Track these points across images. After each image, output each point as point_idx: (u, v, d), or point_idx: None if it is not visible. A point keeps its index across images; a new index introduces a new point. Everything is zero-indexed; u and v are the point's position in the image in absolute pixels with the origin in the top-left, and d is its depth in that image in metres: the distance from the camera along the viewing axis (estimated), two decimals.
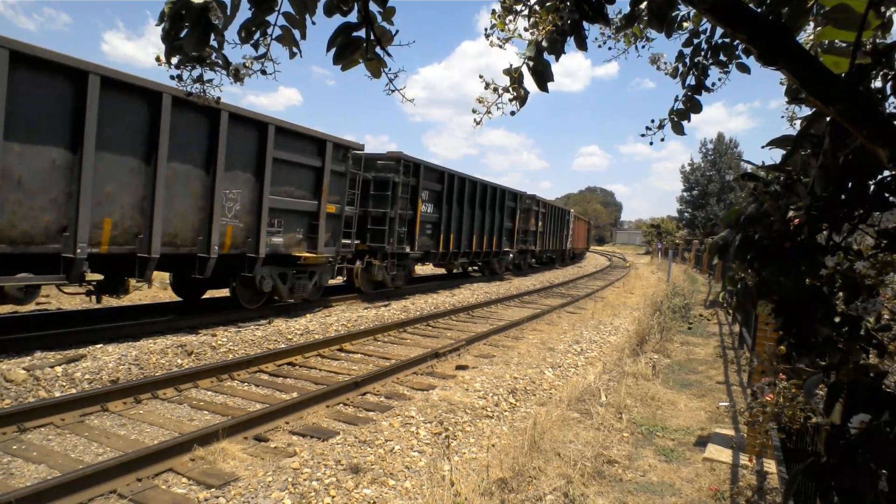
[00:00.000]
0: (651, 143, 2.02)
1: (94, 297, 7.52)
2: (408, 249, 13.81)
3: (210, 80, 1.25)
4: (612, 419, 5.23)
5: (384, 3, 1.16)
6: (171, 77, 1.23)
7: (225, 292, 10.64)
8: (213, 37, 1.12)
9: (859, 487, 0.92)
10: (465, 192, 16.52)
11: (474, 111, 1.69)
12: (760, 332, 4.97)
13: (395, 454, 4.34)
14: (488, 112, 1.68)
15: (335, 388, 5.82)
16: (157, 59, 1.19)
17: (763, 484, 4.00)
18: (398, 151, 13.15)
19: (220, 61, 1.20)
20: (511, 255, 21.03)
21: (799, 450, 3.16)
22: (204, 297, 10.51)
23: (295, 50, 1.20)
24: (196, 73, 1.23)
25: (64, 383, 5.55)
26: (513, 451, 4.15)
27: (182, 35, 1.10)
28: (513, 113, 1.67)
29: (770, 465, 4.24)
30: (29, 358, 6.09)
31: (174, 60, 1.18)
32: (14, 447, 4.20)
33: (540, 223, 24.86)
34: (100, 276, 7.63)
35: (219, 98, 1.33)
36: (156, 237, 7.34)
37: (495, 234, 19.08)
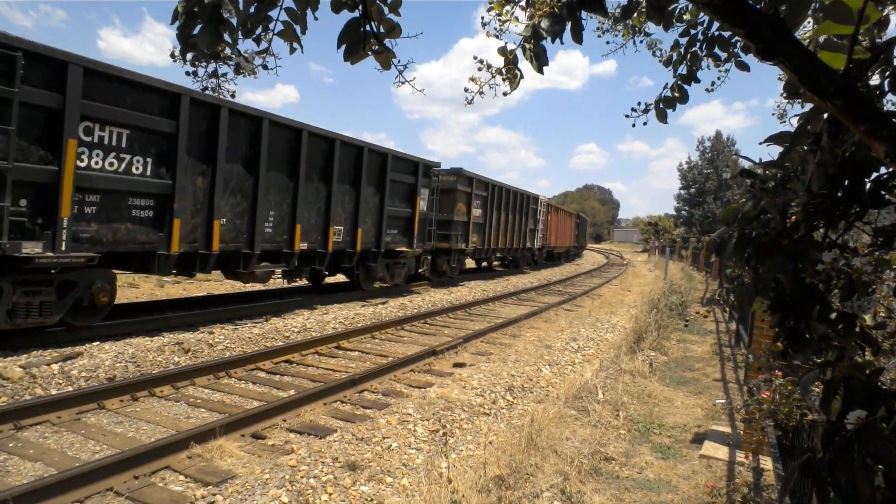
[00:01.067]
0: (633, 125, 2.03)
1: None
2: None
3: (224, 75, 1.26)
4: (609, 416, 5.24)
5: None
6: (187, 73, 1.24)
7: None
8: (226, 33, 1.13)
9: (855, 483, 0.93)
10: (242, 141, 8.65)
11: (467, 90, 1.70)
12: (757, 329, 4.99)
13: (393, 451, 4.34)
14: (480, 91, 1.69)
15: (333, 385, 5.82)
16: (172, 55, 1.20)
17: (759, 480, 4.02)
18: None
19: (233, 56, 1.21)
20: (415, 257, 14.18)
21: (795, 446, 3.17)
22: None
23: (296, 45, 1.20)
24: (210, 68, 1.24)
25: (60, 381, 5.53)
26: (510, 449, 4.15)
27: (196, 32, 1.10)
28: (505, 93, 1.69)
29: (766, 462, 4.26)
30: (25, 355, 6.07)
31: (189, 57, 1.18)
32: (10, 445, 4.19)
33: (477, 211, 17.33)
34: None
35: (234, 92, 1.34)
36: None
37: (363, 224, 11.64)
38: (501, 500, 3.46)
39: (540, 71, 1.46)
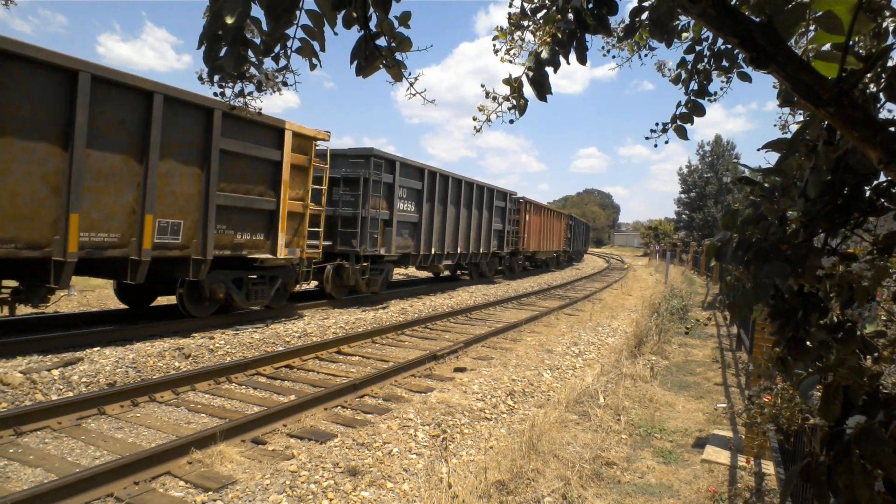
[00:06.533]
0: (655, 146, 2.04)
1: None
2: None
3: (251, 93, 1.30)
4: (610, 421, 5.23)
5: (387, 9, 1.17)
6: (215, 94, 1.29)
7: None
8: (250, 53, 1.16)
9: (854, 487, 0.93)
10: None
11: (475, 119, 1.72)
12: (758, 333, 4.98)
13: (393, 456, 4.34)
14: (488, 120, 1.71)
15: (333, 390, 5.81)
16: (200, 77, 1.24)
17: (761, 485, 4.01)
18: None
19: (259, 74, 1.24)
20: (292, 267, 10.04)
21: (797, 451, 3.17)
22: None
23: (315, 61, 1.22)
24: (237, 88, 1.28)
25: (61, 386, 5.53)
26: (511, 454, 4.14)
27: (221, 55, 1.13)
28: (511, 121, 1.70)
29: (768, 467, 4.25)
30: (26, 361, 6.07)
31: (216, 78, 1.21)
32: (11, 451, 4.19)
33: (406, 205, 13.61)
34: None
35: (260, 109, 1.39)
36: None
37: (160, 215, 7.52)
38: None
39: (542, 99, 1.47)
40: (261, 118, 8.80)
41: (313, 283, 11.98)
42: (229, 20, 1.03)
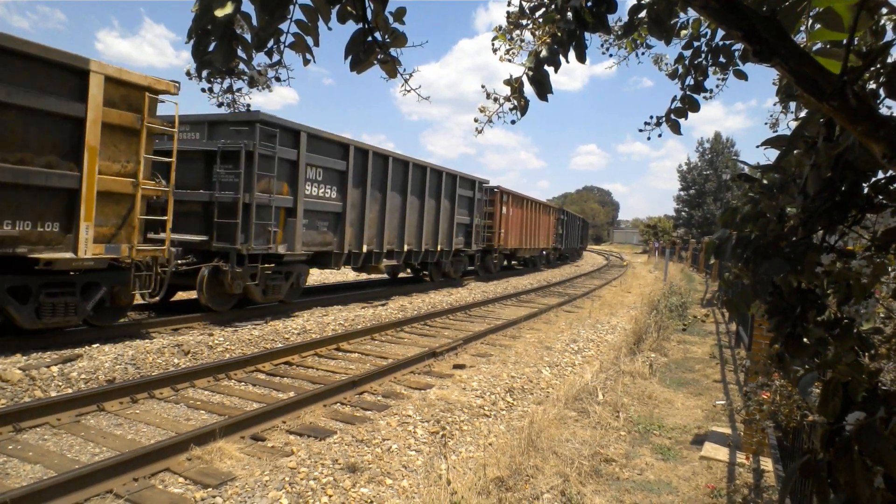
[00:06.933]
0: (648, 139, 2.04)
1: None
2: None
3: (239, 89, 1.28)
4: (609, 418, 5.24)
5: (384, 2, 1.16)
6: (203, 90, 1.26)
7: None
8: (240, 48, 1.14)
9: (855, 484, 0.93)
10: None
11: (476, 120, 1.71)
12: (757, 330, 4.98)
13: (393, 453, 4.34)
14: (490, 121, 1.70)
15: (332, 387, 5.82)
16: (188, 73, 1.22)
17: (760, 482, 4.02)
18: None
19: (248, 71, 1.22)
20: (126, 270, 6.87)
21: (795, 448, 3.17)
22: None
23: (308, 57, 1.21)
24: (226, 84, 1.25)
25: (60, 383, 5.53)
26: (510, 450, 4.15)
27: (210, 49, 1.11)
28: (513, 122, 1.70)
29: (767, 463, 4.26)
30: (25, 358, 6.07)
31: (204, 74, 1.19)
32: (10, 447, 4.19)
33: (324, 189, 10.58)
34: None
35: (249, 105, 1.36)
36: None
37: None
38: (501, 501, 3.46)
39: (543, 98, 1.47)
40: (44, 52, 5.95)
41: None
42: (220, 13, 1.01)
